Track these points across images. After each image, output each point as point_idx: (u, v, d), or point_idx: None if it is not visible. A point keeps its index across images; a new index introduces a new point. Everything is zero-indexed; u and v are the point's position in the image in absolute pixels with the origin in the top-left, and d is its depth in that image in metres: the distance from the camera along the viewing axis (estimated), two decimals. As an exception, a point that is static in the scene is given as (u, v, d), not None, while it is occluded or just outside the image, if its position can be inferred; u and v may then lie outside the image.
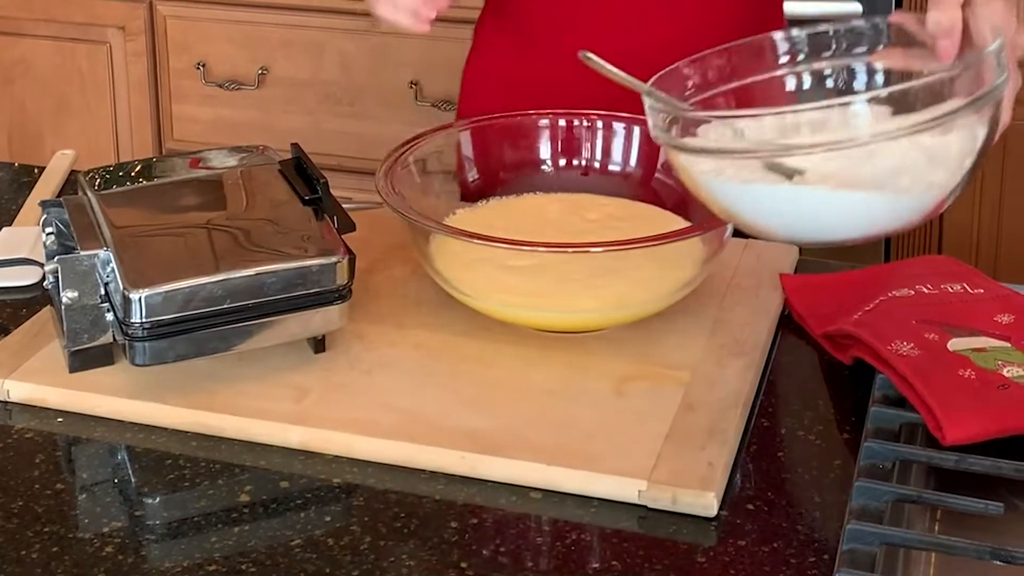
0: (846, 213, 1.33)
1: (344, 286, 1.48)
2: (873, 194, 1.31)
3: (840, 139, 1.27)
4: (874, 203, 1.32)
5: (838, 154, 1.27)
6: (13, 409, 1.47)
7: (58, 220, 1.54)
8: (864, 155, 1.27)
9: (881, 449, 1.34)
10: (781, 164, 1.29)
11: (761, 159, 1.30)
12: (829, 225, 1.35)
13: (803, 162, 1.29)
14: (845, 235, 1.36)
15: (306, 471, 1.37)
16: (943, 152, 1.31)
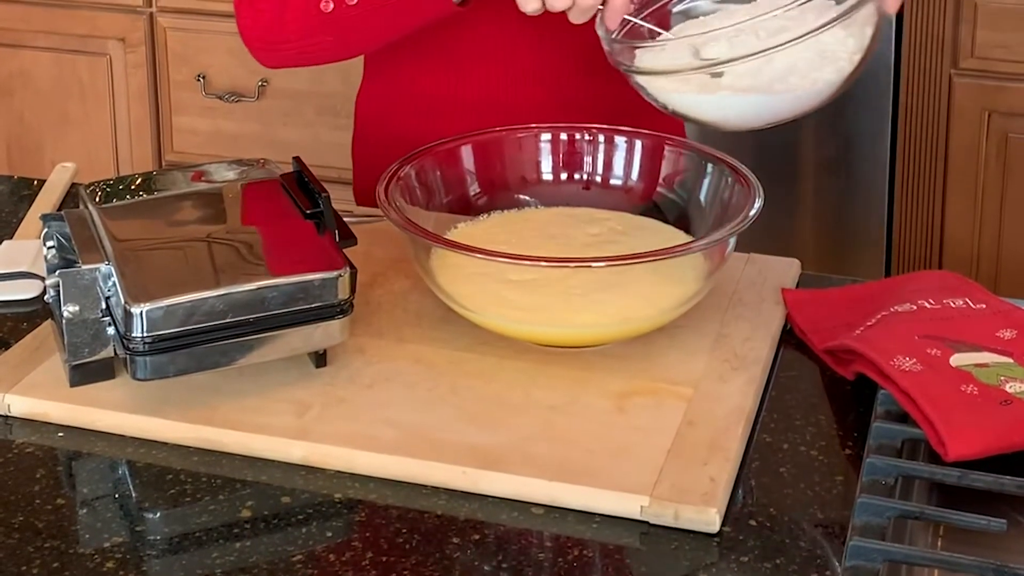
0: (756, 109, 1.58)
1: (345, 300, 1.48)
2: (769, 96, 1.54)
3: (744, 54, 1.50)
4: (772, 101, 1.56)
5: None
6: (14, 424, 1.46)
7: (59, 234, 1.54)
8: (763, 60, 1.51)
9: (883, 465, 1.34)
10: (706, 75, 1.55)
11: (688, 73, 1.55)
12: (747, 118, 1.60)
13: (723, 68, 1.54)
14: (762, 124, 1.60)
15: (307, 486, 1.37)
16: (838, 49, 1.54)
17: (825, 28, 1.49)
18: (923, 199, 3.00)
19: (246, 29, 1.82)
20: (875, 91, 2.97)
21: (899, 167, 3.00)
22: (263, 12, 1.80)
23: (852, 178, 3.03)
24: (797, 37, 1.48)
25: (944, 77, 2.93)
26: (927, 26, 2.92)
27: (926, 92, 2.94)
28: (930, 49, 2.93)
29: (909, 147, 2.98)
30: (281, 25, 1.79)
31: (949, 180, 2.97)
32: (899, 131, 2.98)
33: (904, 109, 2.97)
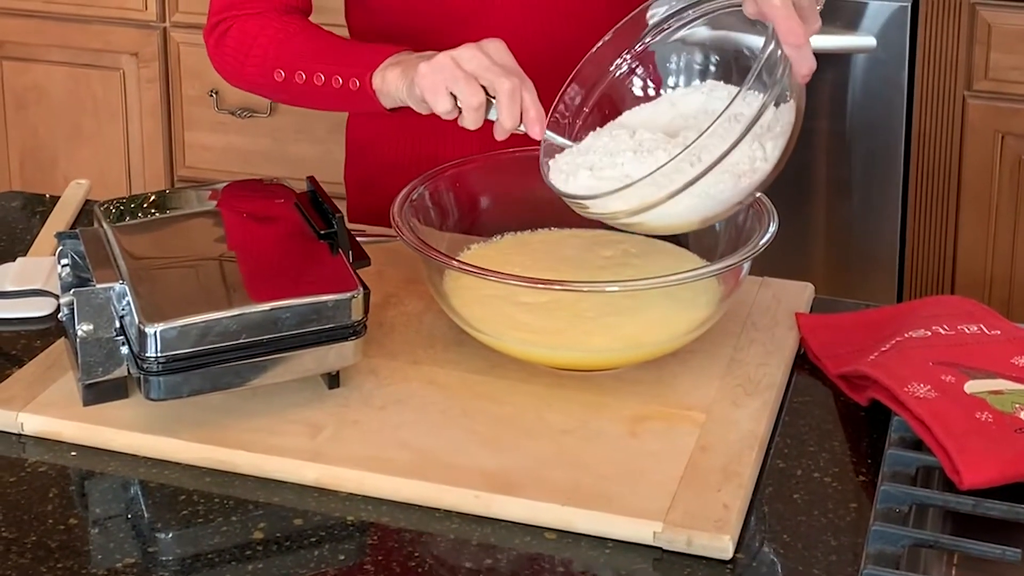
0: (692, 214, 1.53)
1: (359, 322, 1.48)
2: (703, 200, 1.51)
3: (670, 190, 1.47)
4: (707, 204, 1.51)
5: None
6: (27, 442, 1.46)
7: (74, 252, 1.55)
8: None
9: (897, 493, 1.34)
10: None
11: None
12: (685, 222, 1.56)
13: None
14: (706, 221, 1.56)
15: (320, 508, 1.37)
16: (755, 157, 1.51)
17: (727, 154, 1.46)
18: (936, 221, 2.99)
19: (212, 60, 1.90)
20: (888, 113, 2.96)
21: (912, 189, 3.00)
22: (226, 57, 1.86)
23: (865, 199, 3.02)
24: (697, 176, 1.46)
25: (958, 99, 2.93)
26: (941, 48, 2.91)
27: (940, 114, 2.94)
28: (944, 71, 2.92)
29: (922, 169, 2.97)
30: (240, 75, 1.86)
31: (962, 202, 2.97)
32: (912, 153, 2.98)
33: (917, 131, 2.96)
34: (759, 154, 1.50)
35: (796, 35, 1.48)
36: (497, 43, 1.62)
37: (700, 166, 1.46)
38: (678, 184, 1.46)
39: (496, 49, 1.61)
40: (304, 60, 1.78)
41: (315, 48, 1.79)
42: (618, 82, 1.69)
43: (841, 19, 2.91)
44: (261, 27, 1.82)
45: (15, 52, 3.57)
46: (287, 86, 1.79)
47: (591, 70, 1.69)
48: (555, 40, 1.87)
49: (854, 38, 2.92)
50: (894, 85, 2.94)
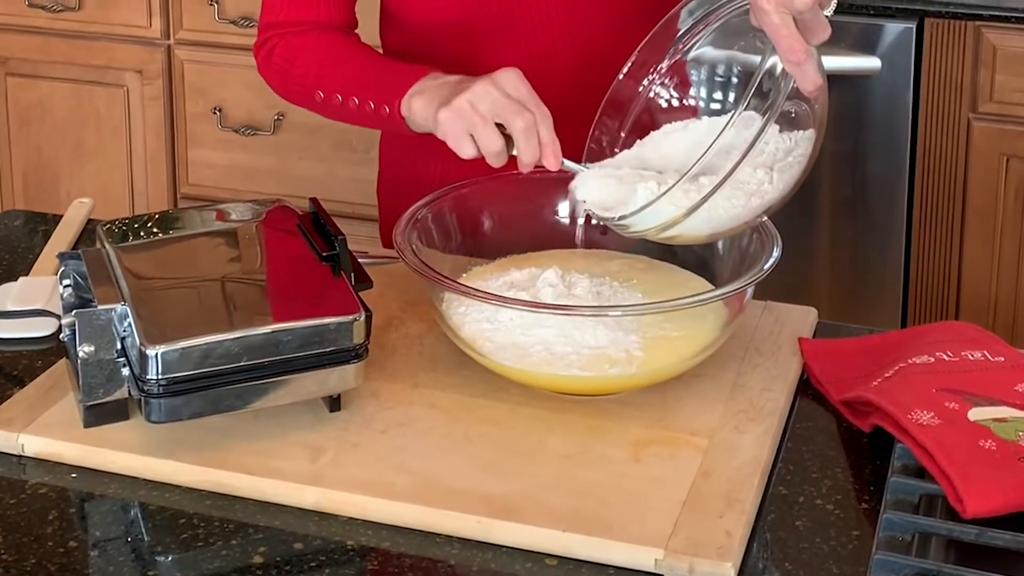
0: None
1: (361, 345, 1.47)
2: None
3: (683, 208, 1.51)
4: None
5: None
6: (27, 463, 1.46)
7: (76, 272, 1.54)
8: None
9: (900, 521, 1.33)
10: None
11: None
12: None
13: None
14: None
15: (320, 532, 1.36)
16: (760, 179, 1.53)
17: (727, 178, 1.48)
18: (940, 243, 2.99)
19: (262, 76, 1.93)
20: (893, 134, 2.96)
21: (916, 211, 2.99)
22: (273, 75, 1.91)
23: (869, 221, 3.02)
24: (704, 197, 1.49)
25: (963, 121, 2.92)
26: (946, 70, 2.91)
27: (944, 136, 2.94)
28: (948, 93, 2.92)
29: (927, 191, 2.97)
30: (286, 93, 1.90)
31: (967, 224, 2.96)
32: (917, 175, 2.97)
33: (922, 153, 2.96)
34: (765, 179, 1.51)
35: (795, 52, 1.47)
36: (511, 75, 1.63)
37: (709, 185, 1.47)
38: (692, 201, 1.48)
39: (510, 82, 1.63)
40: (339, 83, 1.81)
41: (350, 71, 1.82)
42: (651, 102, 1.72)
43: (846, 41, 2.91)
44: (302, 46, 1.86)
45: (20, 68, 3.58)
46: (327, 106, 1.84)
47: (623, 92, 1.71)
48: (591, 50, 1.87)
49: (859, 60, 2.92)
50: (899, 107, 2.94)
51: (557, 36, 1.87)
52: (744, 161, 1.46)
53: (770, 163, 1.52)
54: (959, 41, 2.89)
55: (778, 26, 1.46)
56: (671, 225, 1.52)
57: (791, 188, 1.55)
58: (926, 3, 2.88)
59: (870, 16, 2.92)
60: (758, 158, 1.51)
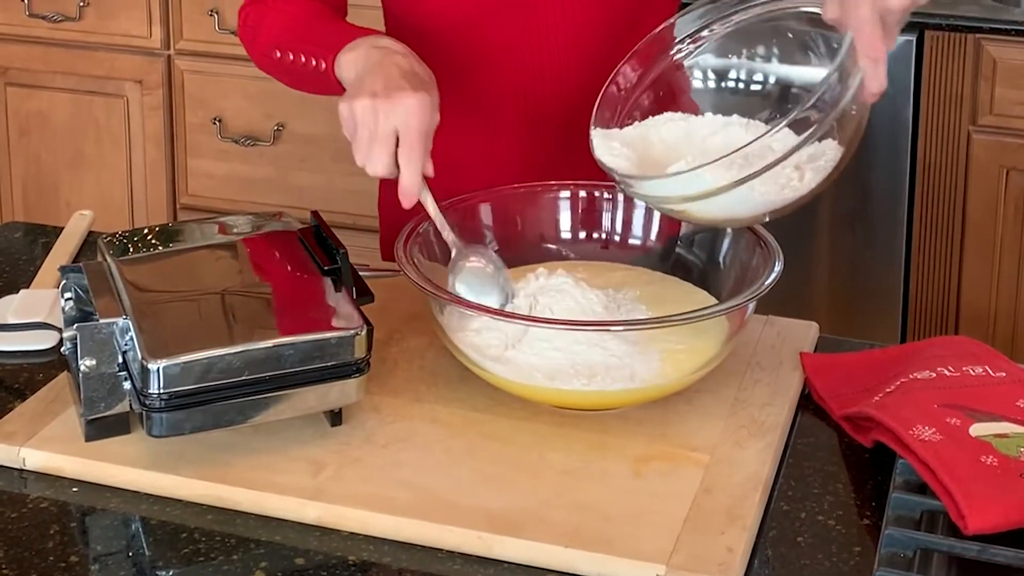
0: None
1: (362, 359, 1.47)
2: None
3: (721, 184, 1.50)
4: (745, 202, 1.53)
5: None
6: (28, 477, 1.46)
7: (77, 285, 1.54)
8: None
9: (902, 537, 1.33)
10: None
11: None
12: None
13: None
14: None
15: (321, 547, 1.36)
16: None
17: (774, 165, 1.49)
18: (940, 256, 2.99)
19: (239, 36, 1.91)
20: (893, 147, 2.96)
21: (916, 224, 2.99)
22: (245, 37, 1.89)
23: (869, 234, 3.02)
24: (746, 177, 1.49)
25: (963, 134, 2.93)
26: (946, 83, 2.91)
27: (944, 149, 2.94)
28: (948, 106, 2.92)
29: (927, 204, 2.97)
30: (254, 55, 1.88)
31: (967, 237, 2.96)
32: (917, 188, 2.97)
33: (922, 166, 2.96)
34: (795, 175, 1.52)
35: (876, 48, 1.45)
36: (412, 103, 1.58)
37: (750, 167, 1.47)
38: (734, 176, 1.48)
39: (405, 112, 1.58)
40: (293, 41, 1.79)
41: (306, 31, 1.80)
42: (676, 66, 1.71)
43: (846, 53, 2.91)
44: (273, 9, 1.84)
45: (20, 78, 3.58)
46: (280, 65, 1.81)
47: (651, 48, 1.70)
48: (611, 19, 1.85)
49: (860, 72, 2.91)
50: (899, 119, 2.94)
51: (565, 44, 1.85)
52: (792, 153, 1.47)
53: (801, 162, 1.52)
54: (959, 54, 2.90)
55: (867, 21, 1.45)
56: (702, 197, 1.50)
57: (815, 190, 1.55)
58: (926, 16, 2.88)
59: (870, 28, 2.91)
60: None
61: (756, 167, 1.47)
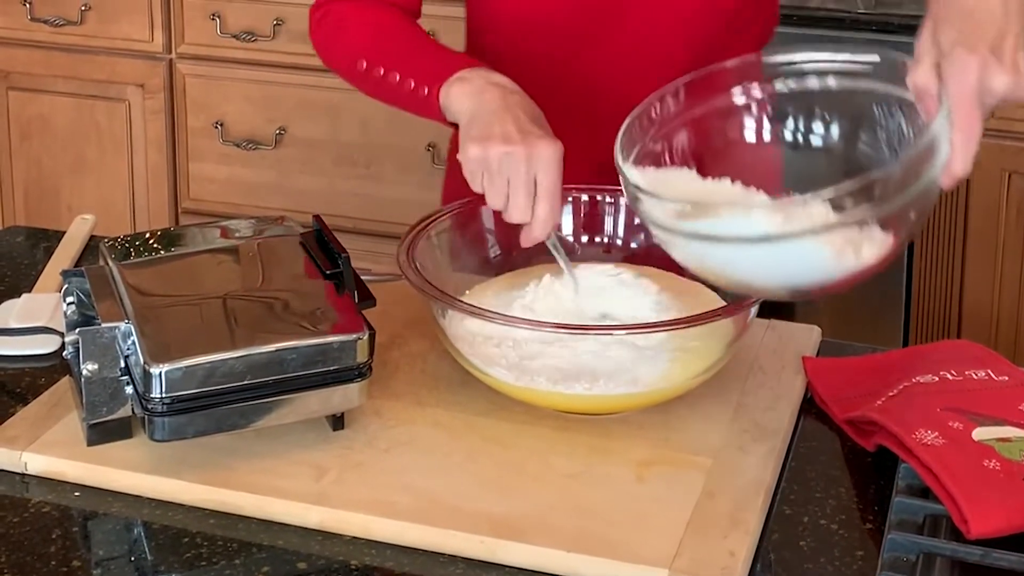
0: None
1: (364, 363, 1.47)
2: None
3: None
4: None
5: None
6: (31, 482, 1.46)
7: (79, 290, 1.54)
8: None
9: (904, 541, 1.33)
10: None
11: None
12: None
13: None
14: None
15: (324, 552, 1.36)
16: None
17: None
18: (942, 260, 2.98)
19: (311, 38, 1.90)
20: (894, 151, 2.96)
21: (917, 227, 2.99)
22: (320, 37, 1.88)
23: (870, 238, 3.02)
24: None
25: (964, 136, 2.92)
26: (947, 86, 2.91)
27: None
28: (950, 109, 2.92)
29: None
30: (330, 58, 1.87)
31: (969, 241, 2.96)
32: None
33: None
34: (850, 251, 1.39)
35: (974, 125, 1.38)
36: (549, 155, 1.58)
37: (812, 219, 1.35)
38: (801, 225, 1.34)
39: (543, 166, 1.57)
40: (385, 56, 1.79)
41: (398, 47, 1.80)
42: (723, 111, 1.63)
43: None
44: (357, 15, 1.84)
45: (21, 83, 3.58)
46: (367, 77, 1.81)
47: (702, 86, 1.63)
48: (690, 40, 1.83)
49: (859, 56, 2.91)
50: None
51: (659, 40, 1.83)
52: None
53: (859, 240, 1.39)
54: (960, 57, 2.89)
55: (971, 92, 1.38)
56: (753, 241, 1.36)
57: (863, 270, 1.42)
58: (927, 20, 2.88)
59: (872, 32, 2.92)
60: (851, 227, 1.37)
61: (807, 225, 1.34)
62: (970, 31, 1.40)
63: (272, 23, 3.39)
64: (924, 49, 1.43)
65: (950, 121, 1.37)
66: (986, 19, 1.41)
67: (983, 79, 1.38)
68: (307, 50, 3.35)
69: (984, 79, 1.38)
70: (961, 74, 1.39)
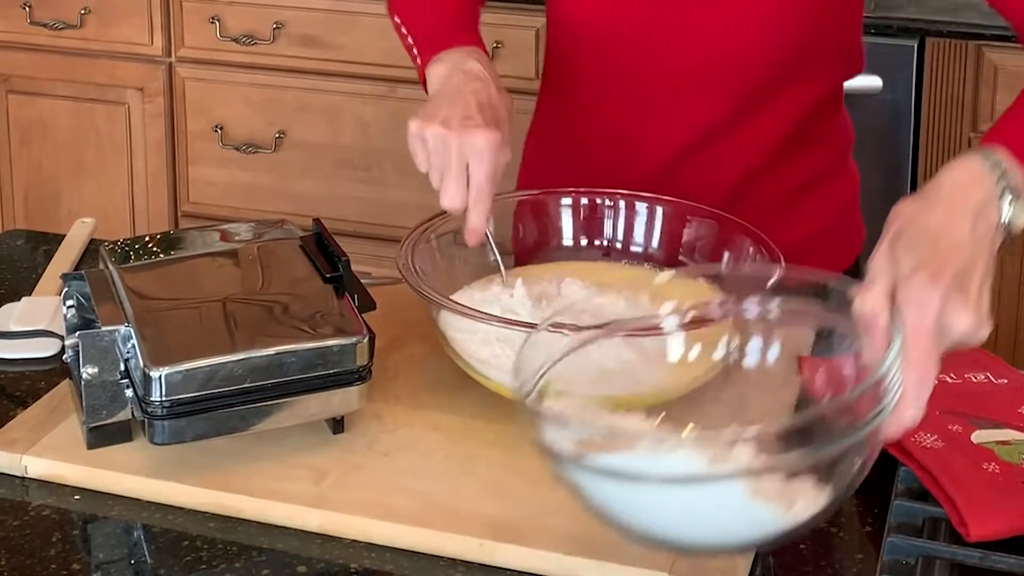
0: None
1: (364, 367, 1.47)
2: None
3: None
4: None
5: None
6: (30, 485, 1.46)
7: (79, 293, 1.54)
8: None
9: (904, 544, 1.33)
10: None
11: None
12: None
13: None
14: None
15: (323, 555, 1.36)
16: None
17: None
18: (940, 262, 2.99)
19: None
20: (894, 154, 2.96)
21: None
22: None
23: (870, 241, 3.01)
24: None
25: (964, 140, 2.93)
26: (947, 88, 2.92)
27: (945, 155, 2.94)
28: (950, 112, 2.93)
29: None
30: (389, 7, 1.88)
31: (967, 244, 2.96)
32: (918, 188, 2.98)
33: (923, 172, 2.96)
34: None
35: (930, 365, 1.22)
36: (482, 142, 1.58)
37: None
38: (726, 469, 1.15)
39: (476, 153, 1.58)
40: (407, 9, 1.81)
41: (422, 8, 1.81)
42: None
43: (847, 60, 2.91)
44: None
45: (21, 86, 3.58)
46: (396, 28, 1.82)
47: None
48: (743, 48, 1.77)
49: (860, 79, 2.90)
50: (900, 126, 2.95)
51: (717, 63, 1.77)
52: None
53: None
54: (960, 60, 2.90)
55: (929, 326, 1.22)
56: (675, 481, 1.16)
57: (794, 528, 1.19)
58: (928, 22, 2.89)
59: (871, 35, 2.91)
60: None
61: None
62: (935, 256, 1.25)
63: (272, 27, 3.39)
64: (879, 269, 1.27)
65: (902, 358, 1.20)
66: (953, 245, 1.27)
67: (943, 315, 1.23)
68: (307, 53, 3.38)
69: (944, 315, 1.23)
70: (921, 306, 1.22)
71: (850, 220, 1.95)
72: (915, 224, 1.29)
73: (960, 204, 1.31)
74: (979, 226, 1.30)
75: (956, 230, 1.29)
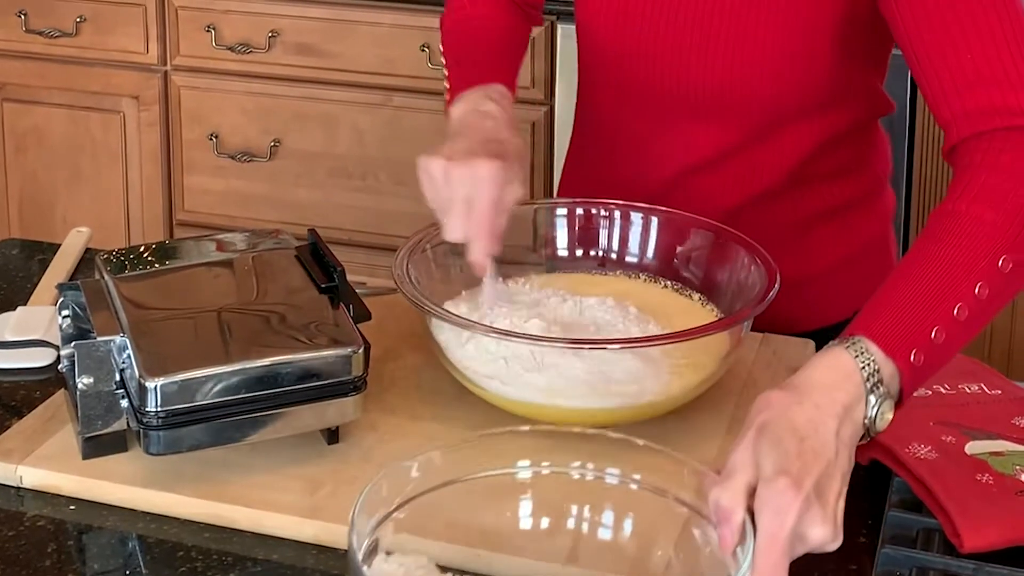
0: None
1: (359, 377, 1.47)
2: None
3: None
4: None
5: None
6: (26, 495, 1.46)
7: (74, 303, 1.54)
8: None
9: (898, 555, 1.33)
10: None
11: None
12: None
13: None
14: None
15: (319, 566, 1.36)
16: None
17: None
18: (935, 272, 2.99)
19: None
20: (888, 162, 2.97)
21: (912, 235, 3.00)
22: (445, 21, 1.96)
23: (864, 250, 3.02)
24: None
25: (957, 150, 2.93)
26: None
27: (940, 166, 2.94)
28: (943, 122, 2.92)
29: (922, 222, 2.98)
30: (447, 13, 1.95)
31: (962, 252, 2.96)
32: (912, 205, 2.98)
33: (918, 180, 2.96)
34: None
35: (776, 574, 1.21)
36: (485, 190, 1.57)
37: None
38: None
39: (479, 194, 1.57)
40: (454, 47, 1.88)
41: (462, 51, 1.86)
42: None
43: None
44: (466, 14, 1.91)
45: (16, 94, 3.58)
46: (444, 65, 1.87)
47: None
48: (743, 83, 1.78)
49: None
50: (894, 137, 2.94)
51: (752, 55, 1.76)
52: None
53: None
54: (954, 70, 2.89)
55: (782, 535, 1.21)
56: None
57: None
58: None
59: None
60: None
61: None
62: (797, 460, 1.23)
63: (267, 35, 3.40)
64: (741, 462, 1.25)
65: (753, 565, 1.20)
66: (816, 450, 1.25)
67: (800, 524, 1.22)
68: (302, 62, 3.38)
69: (801, 525, 1.22)
70: (779, 513, 1.21)
71: (882, 252, 1.94)
72: (781, 419, 1.27)
73: (827, 404, 1.29)
74: (844, 429, 1.29)
75: (822, 431, 1.27)
